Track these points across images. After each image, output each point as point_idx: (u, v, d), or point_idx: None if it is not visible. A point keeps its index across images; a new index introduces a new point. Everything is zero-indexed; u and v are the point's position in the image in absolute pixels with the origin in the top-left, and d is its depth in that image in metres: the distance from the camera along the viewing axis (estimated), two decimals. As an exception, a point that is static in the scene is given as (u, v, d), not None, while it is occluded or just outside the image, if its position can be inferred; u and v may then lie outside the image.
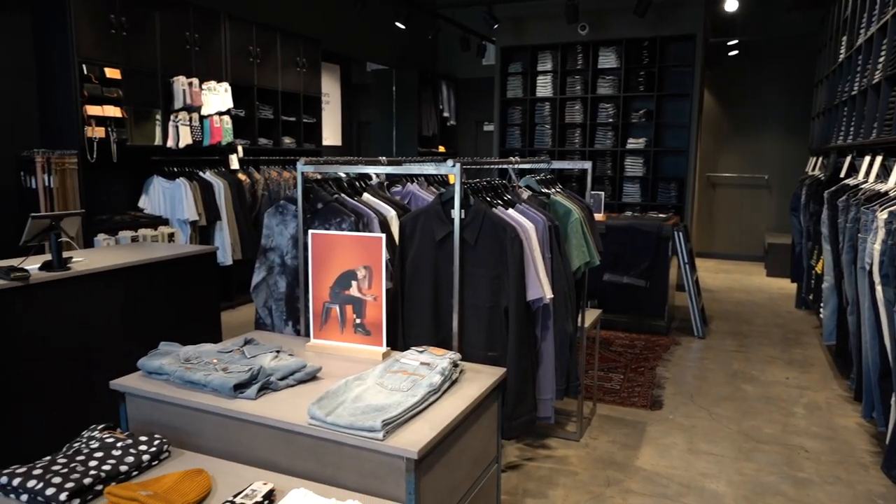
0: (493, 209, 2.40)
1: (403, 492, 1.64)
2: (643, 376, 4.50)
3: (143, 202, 5.79)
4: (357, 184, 2.76)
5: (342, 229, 2.48)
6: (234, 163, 6.50)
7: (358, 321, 2.32)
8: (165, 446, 1.88)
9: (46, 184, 4.78)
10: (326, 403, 1.77)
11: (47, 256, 3.15)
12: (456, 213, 2.26)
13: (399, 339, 2.50)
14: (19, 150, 4.85)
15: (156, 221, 5.57)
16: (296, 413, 1.81)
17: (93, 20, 4.93)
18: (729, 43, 8.98)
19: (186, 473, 1.71)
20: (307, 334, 2.63)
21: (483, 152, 10.83)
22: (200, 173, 5.97)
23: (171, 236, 5.51)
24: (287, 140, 7.37)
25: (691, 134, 7.53)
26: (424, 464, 1.66)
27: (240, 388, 1.92)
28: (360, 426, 1.66)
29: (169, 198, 5.70)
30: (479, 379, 2.10)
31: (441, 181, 3.52)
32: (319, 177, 2.58)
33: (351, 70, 9.67)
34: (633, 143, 7.93)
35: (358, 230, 2.47)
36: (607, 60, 7.91)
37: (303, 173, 2.49)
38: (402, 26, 8.26)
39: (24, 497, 1.64)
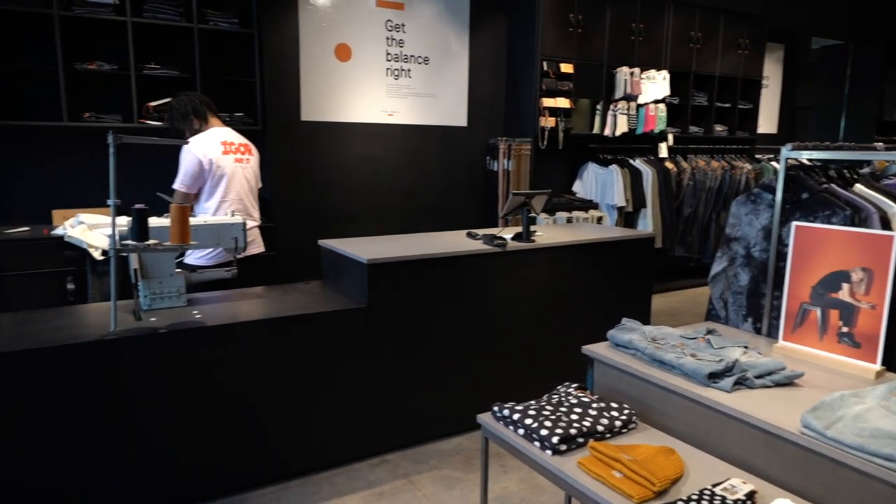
0: None
1: (927, 543, 1.36)
2: None
3: (577, 186, 6.24)
4: (846, 173, 2.40)
5: (831, 223, 2.19)
6: (663, 151, 6.47)
7: (844, 329, 2.02)
8: (634, 417, 1.95)
9: (505, 167, 5.54)
10: (822, 415, 1.58)
11: (515, 229, 3.62)
12: None
13: None
14: (487, 138, 5.74)
15: (586, 205, 5.94)
16: (780, 416, 1.67)
17: (555, 21, 5.47)
18: None
19: (660, 449, 1.74)
20: (770, 334, 2.43)
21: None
22: (631, 161, 6.12)
23: (599, 219, 5.81)
24: (718, 128, 7.00)
25: None
26: (964, 518, 1.34)
27: (713, 377, 1.86)
28: (873, 451, 1.43)
29: (601, 183, 6.01)
30: None
31: (949, 174, 2.83)
32: (808, 163, 2.32)
33: (796, 49, 8.61)
34: None
35: (854, 225, 2.14)
36: None
37: (787, 159, 2.27)
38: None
39: (521, 431, 1.90)
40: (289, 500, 2.63)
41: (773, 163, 7.05)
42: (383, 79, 5.16)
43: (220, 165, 3.23)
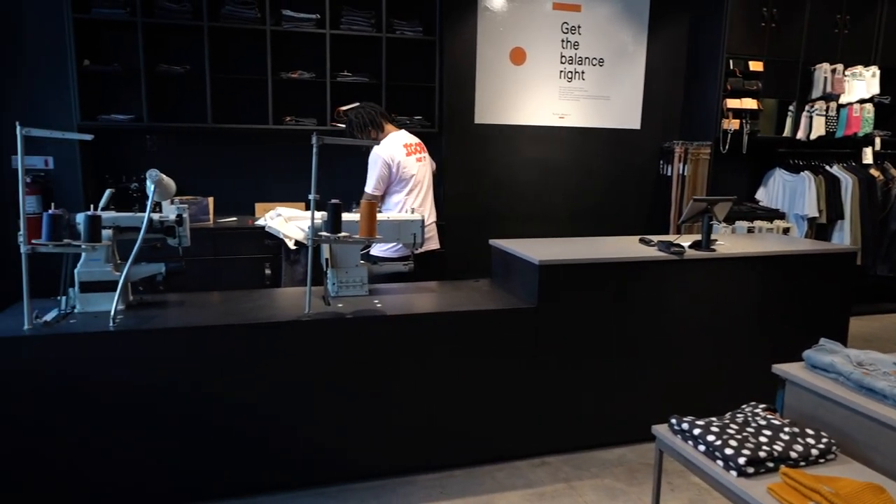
0: None
1: None
2: None
3: (760, 194, 5.76)
4: None
5: None
6: (868, 156, 5.76)
7: None
8: (833, 447, 1.78)
9: (680, 172, 5.27)
10: None
11: (692, 237, 3.44)
12: None
13: None
14: (662, 142, 5.49)
15: (771, 214, 5.46)
16: None
17: (745, 15, 5.10)
18: None
19: (866, 486, 1.56)
20: None
21: None
22: (827, 167, 5.53)
23: (785, 230, 5.31)
24: (940, 131, 6.08)
25: None
26: None
27: (937, 412, 1.64)
28: None
29: (789, 191, 5.49)
30: None
31: None
32: None
33: None
34: None
35: None
36: None
37: None
38: None
39: (702, 448, 1.80)
40: (453, 487, 2.73)
41: None
42: (556, 81, 5.15)
43: (406, 166, 3.48)
